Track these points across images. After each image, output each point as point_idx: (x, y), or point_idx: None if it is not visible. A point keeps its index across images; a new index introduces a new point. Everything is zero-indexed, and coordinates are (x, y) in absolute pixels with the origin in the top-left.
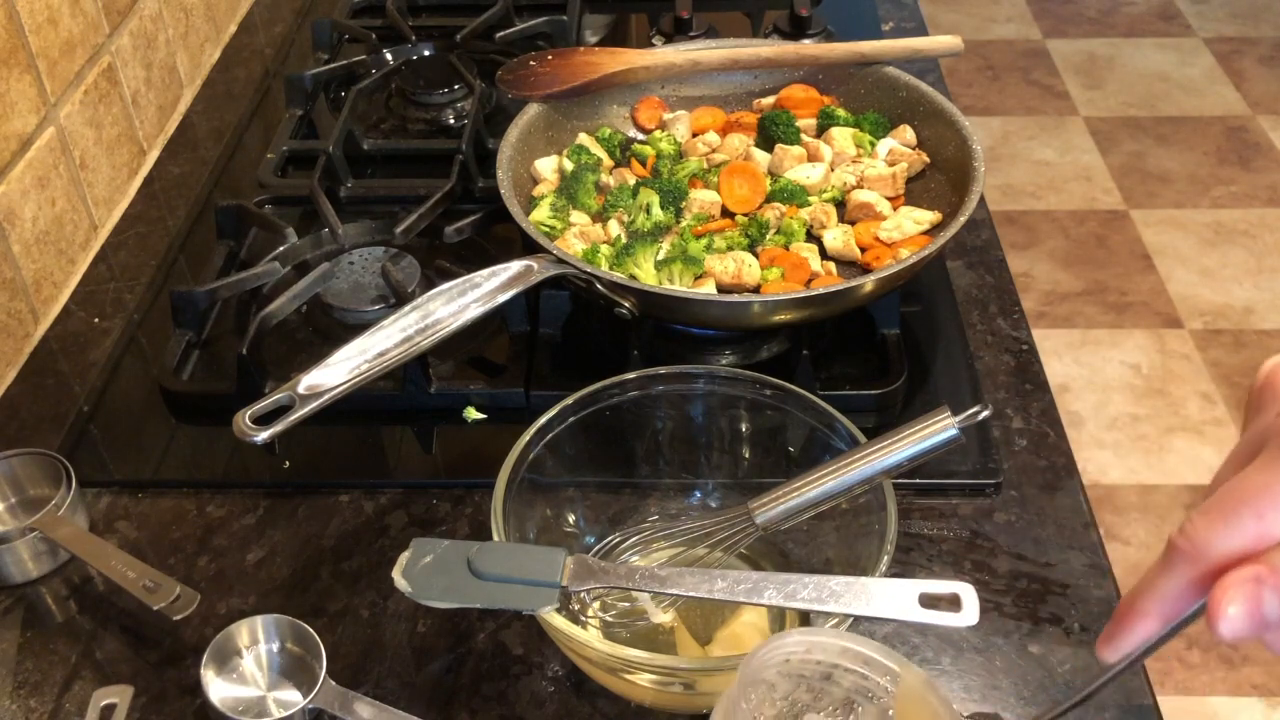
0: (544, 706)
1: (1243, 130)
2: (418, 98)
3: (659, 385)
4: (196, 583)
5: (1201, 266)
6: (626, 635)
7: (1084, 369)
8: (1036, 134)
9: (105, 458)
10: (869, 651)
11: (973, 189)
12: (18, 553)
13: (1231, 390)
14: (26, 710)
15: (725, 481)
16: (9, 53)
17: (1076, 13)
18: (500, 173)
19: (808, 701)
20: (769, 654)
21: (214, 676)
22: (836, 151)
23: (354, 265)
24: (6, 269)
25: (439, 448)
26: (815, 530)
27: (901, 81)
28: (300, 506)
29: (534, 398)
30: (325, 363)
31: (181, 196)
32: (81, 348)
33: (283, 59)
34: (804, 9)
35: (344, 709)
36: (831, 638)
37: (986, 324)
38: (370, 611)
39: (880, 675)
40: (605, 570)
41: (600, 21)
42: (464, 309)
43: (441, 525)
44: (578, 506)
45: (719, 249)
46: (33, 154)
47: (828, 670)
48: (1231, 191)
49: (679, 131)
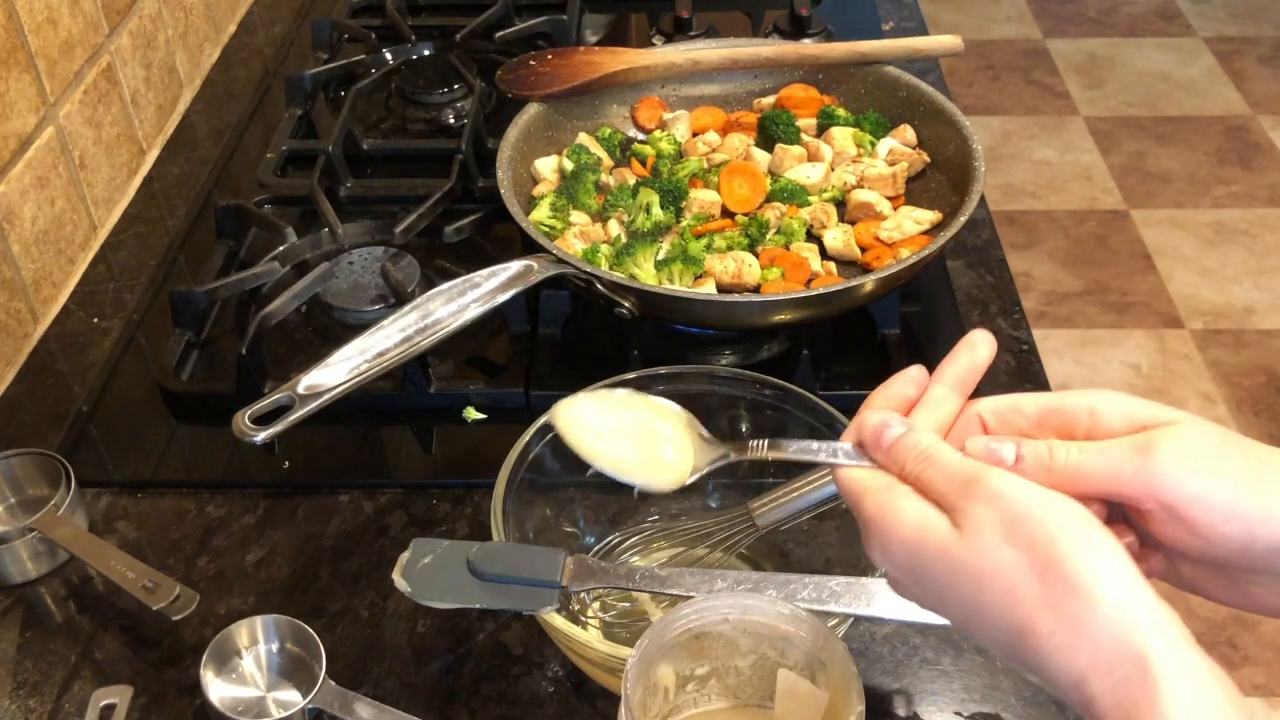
0: (544, 706)
1: (1243, 130)
2: (417, 97)
3: (659, 385)
4: (196, 583)
5: (1202, 266)
6: (626, 635)
7: (1084, 369)
8: (1037, 134)
9: (105, 458)
10: (804, 619)
11: (973, 189)
12: (17, 553)
13: (1232, 390)
14: (26, 710)
15: (725, 481)
16: (9, 52)
17: (1077, 12)
18: (500, 172)
19: (775, 658)
20: (707, 607)
21: (213, 677)
22: (836, 151)
23: (354, 265)
24: (6, 269)
25: (439, 448)
26: (815, 531)
27: (902, 81)
28: (300, 506)
29: (534, 398)
30: (325, 363)
31: (181, 196)
32: (81, 348)
33: (282, 59)
34: (804, 9)
35: (344, 709)
36: (764, 602)
37: (987, 324)
38: (370, 611)
39: (819, 642)
40: (605, 570)
41: (600, 21)
42: (464, 309)
43: (441, 525)
44: (578, 506)
45: (719, 249)
46: (32, 154)
47: (784, 634)
48: (1232, 191)
49: (679, 131)
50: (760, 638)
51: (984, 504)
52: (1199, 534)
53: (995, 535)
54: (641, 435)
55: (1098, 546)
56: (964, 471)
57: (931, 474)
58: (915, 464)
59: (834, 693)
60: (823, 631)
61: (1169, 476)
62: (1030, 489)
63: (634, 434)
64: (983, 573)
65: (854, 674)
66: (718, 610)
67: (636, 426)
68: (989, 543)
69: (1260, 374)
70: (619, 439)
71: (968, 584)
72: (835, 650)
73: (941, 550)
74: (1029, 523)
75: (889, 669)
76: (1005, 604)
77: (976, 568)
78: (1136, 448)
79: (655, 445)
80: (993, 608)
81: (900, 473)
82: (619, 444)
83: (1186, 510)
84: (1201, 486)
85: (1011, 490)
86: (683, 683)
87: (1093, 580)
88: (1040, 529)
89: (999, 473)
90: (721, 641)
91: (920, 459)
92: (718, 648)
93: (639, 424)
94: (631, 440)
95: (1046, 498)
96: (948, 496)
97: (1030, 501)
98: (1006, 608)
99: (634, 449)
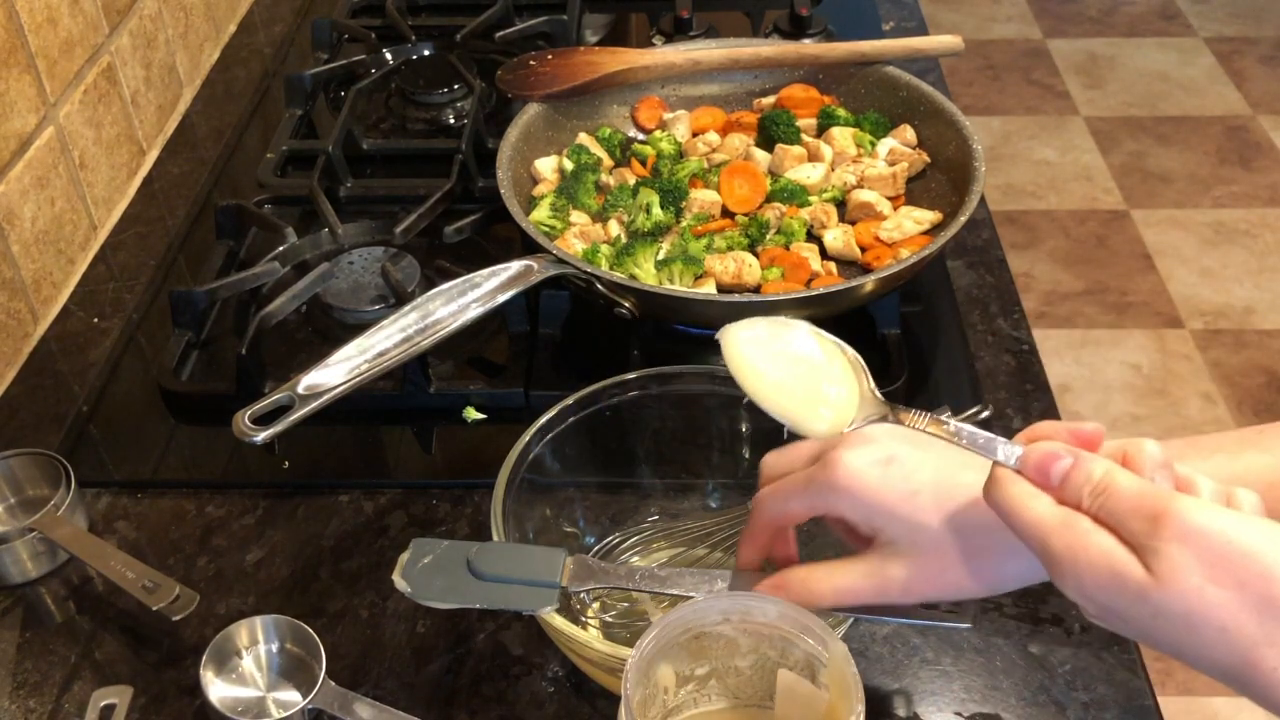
0: (544, 706)
1: (1243, 130)
2: (417, 97)
3: (659, 385)
4: (196, 583)
5: (1202, 266)
6: (626, 635)
7: (1084, 369)
8: (1037, 134)
9: (105, 458)
10: (804, 619)
11: (973, 189)
12: (17, 553)
13: (1232, 390)
14: (26, 710)
15: (725, 481)
16: (9, 52)
17: (1077, 12)
18: (500, 173)
19: (775, 658)
20: (707, 607)
21: (213, 677)
22: (837, 151)
23: (354, 265)
24: (6, 269)
25: (439, 448)
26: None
27: (902, 81)
28: (300, 506)
29: (534, 398)
30: (325, 363)
31: (181, 196)
32: (81, 348)
33: (282, 59)
34: (804, 9)
35: (343, 709)
36: (765, 602)
37: (987, 324)
38: (370, 612)
39: (819, 643)
40: (605, 570)
41: (600, 21)
42: (464, 309)
43: (441, 525)
44: (578, 506)
45: (719, 249)
46: (32, 154)
47: (784, 634)
48: (1232, 191)
49: (679, 131)
50: (760, 638)
51: (1178, 543)
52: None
53: (1197, 577)
54: (808, 373)
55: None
56: (1148, 505)
57: (1112, 506)
58: (1092, 498)
59: (834, 693)
60: (823, 631)
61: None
62: (1226, 520)
63: (801, 370)
64: (1190, 614)
65: (854, 674)
66: (718, 610)
67: (805, 361)
68: (1191, 585)
69: (1260, 374)
70: (785, 370)
71: (1175, 626)
72: (835, 650)
73: (1140, 595)
74: (1235, 560)
75: (889, 669)
76: (1221, 643)
77: (1184, 611)
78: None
79: (819, 385)
80: (1208, 645)
81: (1079, 507)
82: (783, 374)
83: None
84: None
85: (1208, 524)
86: (683, 683)
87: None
88: (1250, 565)
89: (1186, 504)
90: (721, 641)
91: (1097, 492)
92: (718, 648)
93: (808, 360)
94: (796, 376)
95: (1246, 529)
96: (1136, 535)
97: (1230, 535)
98: (1223, 646)
99: (798, 385)
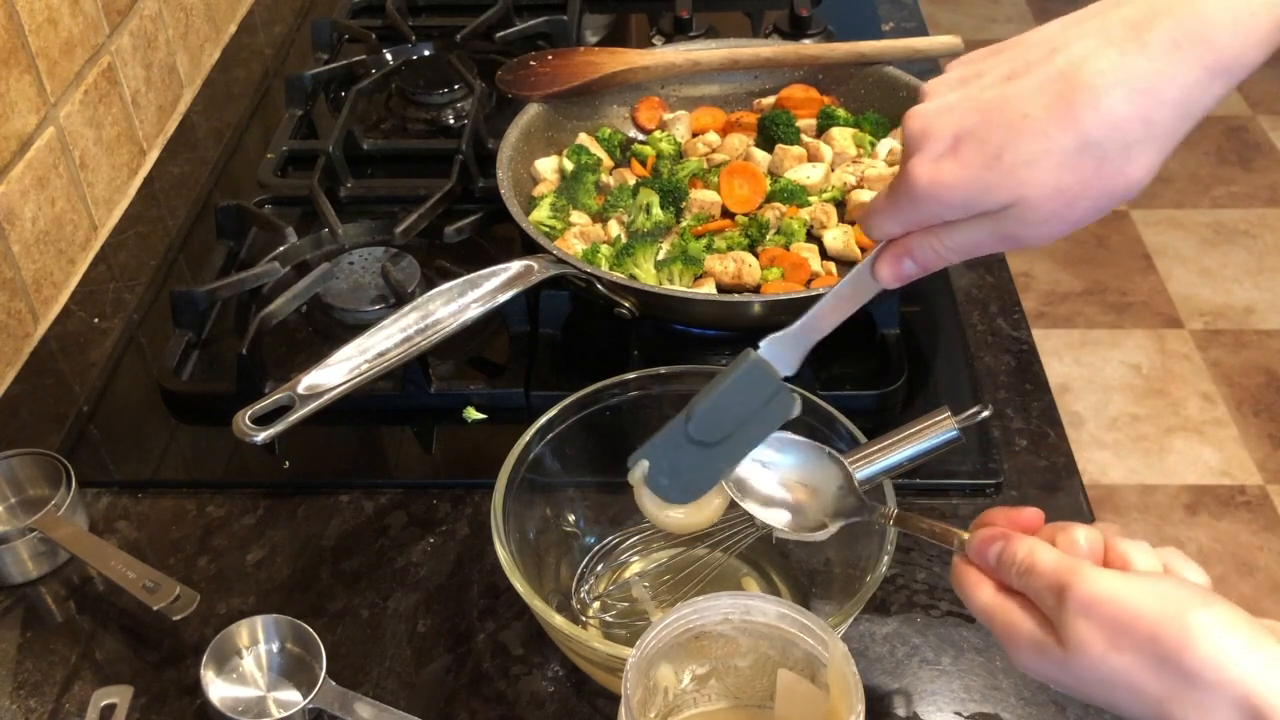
0: (544, 706)
1: (1243, 130)
2: (418, 98)
3: (659, 385)
4: (196, 583)
5: (1201, 266)
6: (626, 635)
7: (1084, 369)
8: None
9: (105, 458)
10: (804, 619)
11: None
12: (17, 553)
13: (1231, 390)
14: (26, 710)
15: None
16: (9, 53)
17: None
18: (500, 173)
19: (775, 658)
20: (707, 607)
21: (214, 677)
22: (837, 151)
23: (354, 265)
24: (6, 269)
25: (439, 448)
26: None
27: (902, 81)
28: (300, 506)
29: (534, 398)
30: (325, 363)
31: (181, 196)
32: (81, 348)
33: (283, 59)
34: (804, 9)
35: (344, 709)
36: (765, 602)
37: (986, 324)
38: (370, 611)
39: (819, 643)
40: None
41: (600, 21)
42: (464, 309)
43: (441, 525)
44: (578, 506)
45: (719, 249)
46: (32, 154)
47: (784, 634)
48: (1231, 191)
49: (679, 131)
50: (760, 638)
51: (1080, 616)
52: None
53: (1100, 647)
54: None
55: (1199, 628)
56: (1056, 579)
57: (1031, 583)
58: (1019, 576)
59: (834, 693)
60: (823, 631)
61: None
62: (1118, 585)
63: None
64: (1102, 680)
65: (854, 674)
66: (718, 610)
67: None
68: (1096, 655)
69: (1260, 374)
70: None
71: (1097, 689)
72: (835, 650)
73: (1062, 666)
74: (1127, 623)
75: (889, 669)
76: (1136, 702)
77: (1096, 677)
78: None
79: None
80: (1126, 705)
81: (1011, 587)
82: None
83: None
84: None
85: (1101, 591)
86: (683, 683)
87: (1206, 669)
88: (1140, 627)
89: (1085, 574)
90: (721, 641)
91: (1021, 570)
92: (718, 648)
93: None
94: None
95: (1135, 591)
96: (1050, 609)
97: (1122, 601)
98: (1138, 705)
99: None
